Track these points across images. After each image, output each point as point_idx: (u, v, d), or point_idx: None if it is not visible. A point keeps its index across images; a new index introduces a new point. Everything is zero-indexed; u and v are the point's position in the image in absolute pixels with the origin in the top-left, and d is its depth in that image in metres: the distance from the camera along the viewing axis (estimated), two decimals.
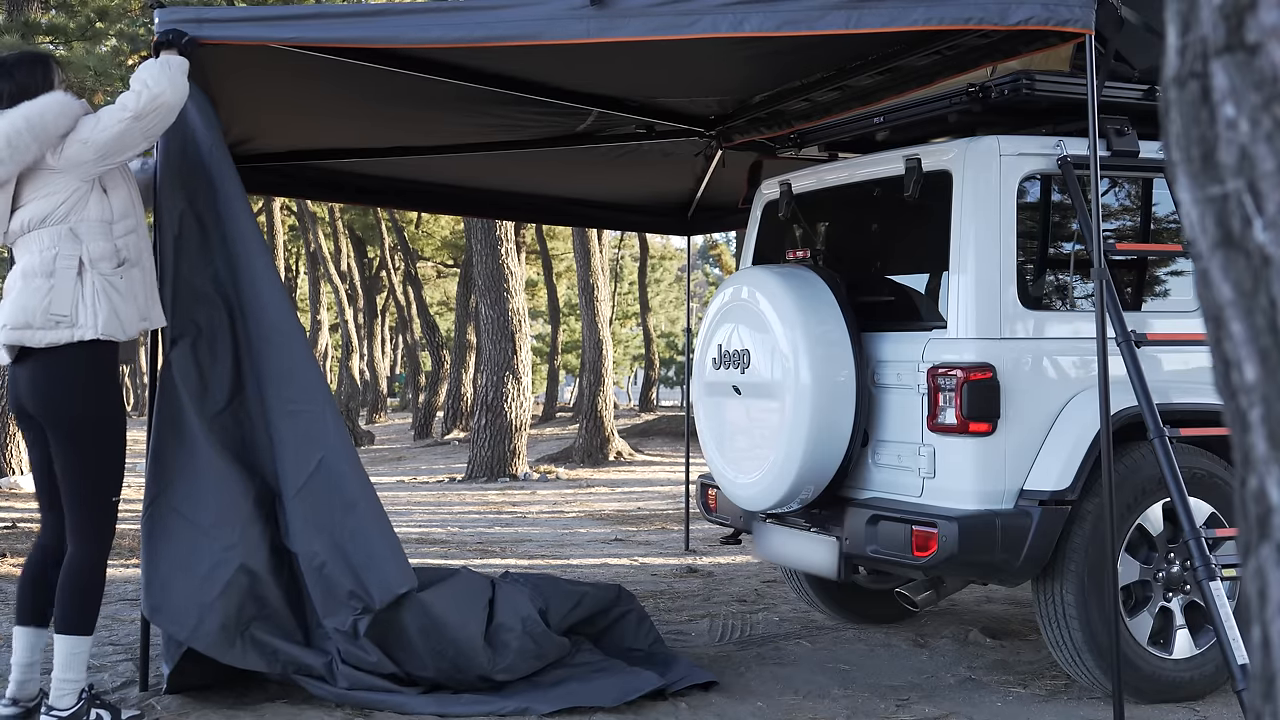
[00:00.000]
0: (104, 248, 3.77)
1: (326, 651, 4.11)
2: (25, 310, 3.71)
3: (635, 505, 11.28)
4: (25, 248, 3.78)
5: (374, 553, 4.16)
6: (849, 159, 5.31)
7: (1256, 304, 0.87)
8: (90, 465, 3.79)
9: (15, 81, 3.83)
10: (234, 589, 3.99)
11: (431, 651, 4.20)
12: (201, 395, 4.15)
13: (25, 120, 3.71)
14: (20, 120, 3.71)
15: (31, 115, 3.72)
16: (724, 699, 4.33)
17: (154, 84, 3.82)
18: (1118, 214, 4.86)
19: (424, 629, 4.20)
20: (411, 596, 4.19)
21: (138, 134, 3.81)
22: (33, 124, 3.71)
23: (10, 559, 7.20)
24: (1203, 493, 4.29)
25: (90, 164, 3.77)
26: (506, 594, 4.45)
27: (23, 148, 3.70)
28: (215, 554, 4.00)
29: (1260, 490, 0.88)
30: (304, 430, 4.19)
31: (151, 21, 4.53)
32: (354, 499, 4.20)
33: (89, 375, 3.77)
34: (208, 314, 4.23)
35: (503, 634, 4.31)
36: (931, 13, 3.92)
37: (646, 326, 29.82)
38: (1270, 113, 0.86)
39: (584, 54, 4.63)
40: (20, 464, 11.63)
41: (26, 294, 3.71)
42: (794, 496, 4.56)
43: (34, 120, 3.71)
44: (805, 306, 4.50)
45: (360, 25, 4.34)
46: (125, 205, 3.88)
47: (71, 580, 3.81)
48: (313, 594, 4.12)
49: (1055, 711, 4.25)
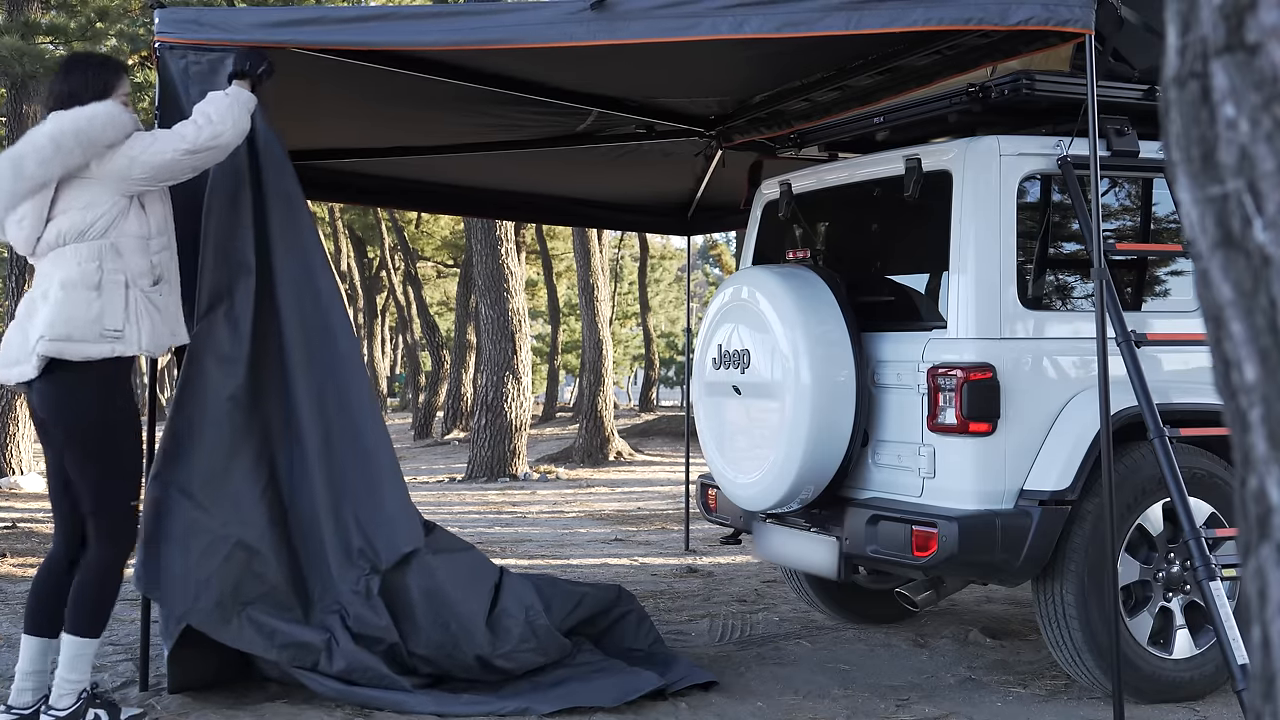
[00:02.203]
0: (142, 264, 3.79)
1: (326, 629, 4.12)
2: (70, 322, 3.67)
3: (635, 505, 11.28)
4: (60, 260, 3.73)
5: (385, 508, 4.25)
6: (849, 159, 5.31)
7: (1256, 304, 0.88)
8: (112, 471, 3.79)
9: (68, 85, 3.83)
10: (231, 565, 4.00)
11: (433, 620, 4.22)
12: (220, 365, 4.12)
13: (74, 125, 3.70)
14: (69, 124, 3.70)
15: (80, 121, 3.71)
16: (724, 699, 4.33)
17: (217, 120, 3.84)
18: (1118, 214, 4.86)
19: (428, 592, 4.25)
20: (419, 557, 4.24)
21: (187, 166, 3.83)
22: (80, 130, 3.69)
23: (10, 559, 7.20)
24: (1203, 493, 4.29)
25: (133, 181, 3.77)
26: (513, 582, 4.47)
27: (67, 151, 3.68)
28: (213, 530, 4.00)
29: (1260, 490, 0.88)
30: (332, 378, 4.24)
31: (151, 21, 4.54)
32: (371, 449, 4.28)
33: (114, 385, 3.78)
34: (232, 282, 4.19)
35: (505, 619, 4.33)
36: (931, 13, 3.92)
37: (646, 326, 29.83)
38: (1270, 113, 0.86)
39: (584, 55, 4.63)
40: (20, 464, 11.63)
41: (71, 306, 3.67)
42: (794, 496, 4.56)
43: (82, 126, 3.70)
44: (805, 306, 4.50)
45: (360, 30, 4.35)
46: (161, 222, 3.90)
47: (87, 581, 3.81)
48: (329, 546, 4.16)
49: (1055, 711, 4.25)
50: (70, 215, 3.74)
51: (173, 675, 4.16)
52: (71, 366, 3.69)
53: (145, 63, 13.80)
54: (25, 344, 3.71)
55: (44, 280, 3.77)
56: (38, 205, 3.74)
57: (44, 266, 3.79)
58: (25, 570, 6.89)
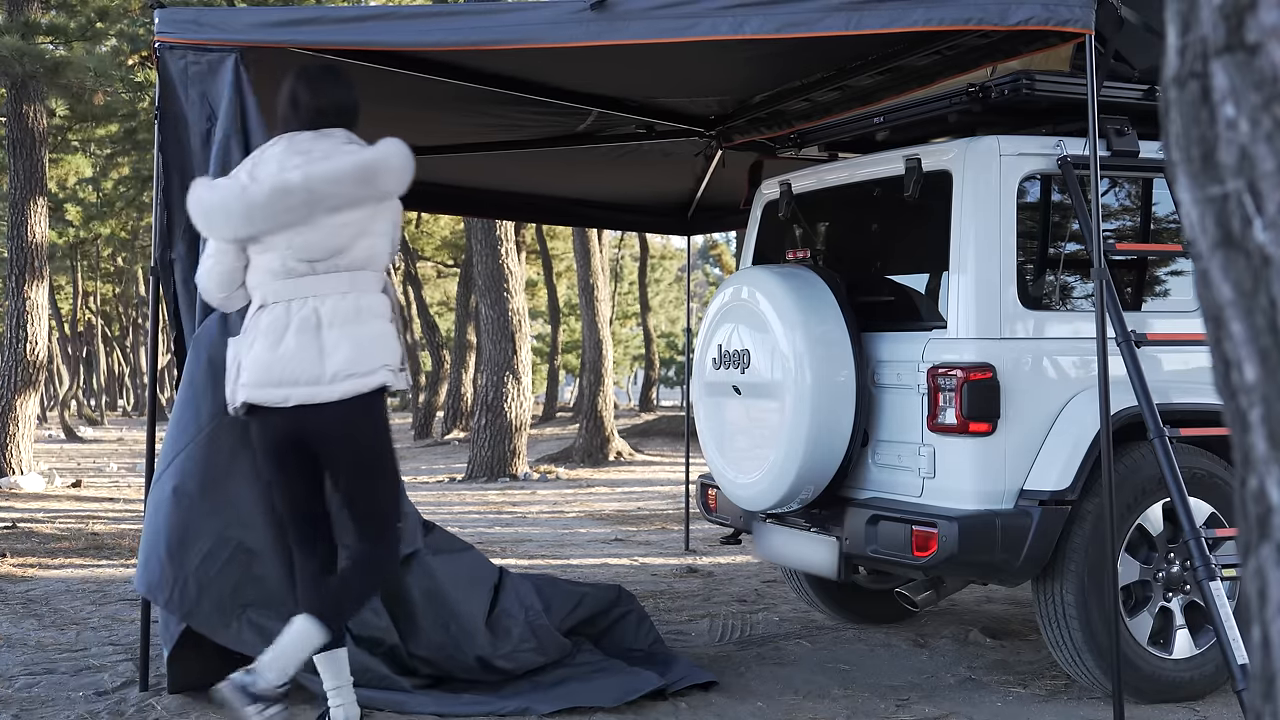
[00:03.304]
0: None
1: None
2: (390, 352, 3.65)
3: (635, 505, 11.28)
4: (359, 283, 3.64)
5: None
6: (849, 159, 5.31)
7: (1256, 304, 0.88)
8: (389, 490, 3.76)
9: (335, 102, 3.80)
10: (232, 567, 3.97)
11: (433, 621, 4.21)
12: (220, 366, 4.10)
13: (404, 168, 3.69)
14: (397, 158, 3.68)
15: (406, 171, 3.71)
16: (724, 699, 4.33)
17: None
18: (1118, 214, 4.86)
19: (427, 593, 4.24)
20: (418, 558, 4.23)
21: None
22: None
23: (10, 559, 7.20)
24: (1203, 493, 4.29)
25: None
26: (512, 582, 4.47)
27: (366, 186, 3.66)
28: (215, 532, 3.97)
29: (1260, 490, 0.88)
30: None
31: (151, 21, 4.54)
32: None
33: (385, 410, 3.76)
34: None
35: (505, 620, 4.33)
36: (932, 13, 3.92)
37: (646, 326, 29.84)
38: (1270, 113, 0.86)
39: (584, 54, 4.63)
40: (20, 464, 11.58)
41: (384, 338, 3.64)
42: (794, 496, 4.56)
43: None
44: (805, 306, 4.50)
45: (360, 30, 4.35)
46: None
47: (353, 571, 3.73)
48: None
49: (1055, 711, 4.25)
50: (378, 239, 3.71)
51: (173, 675, 4.16)
52: (377, 390, 3.65)
53: (145, 63, 13.79)
54: (326, 368, 3.58)
55: (347, 303, 3.64)
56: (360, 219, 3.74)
57: (338, 287, 3.64)
58: (25, 570, 6.90)
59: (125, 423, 32.20)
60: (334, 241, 3.59)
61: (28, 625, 5.41)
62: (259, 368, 3.59)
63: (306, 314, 3.57)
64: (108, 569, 7.04)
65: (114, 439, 23.02)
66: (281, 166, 3.61)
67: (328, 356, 3.55)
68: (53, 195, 20.92)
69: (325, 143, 3.67)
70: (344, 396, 3.55)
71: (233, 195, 3.61)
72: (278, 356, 3.56)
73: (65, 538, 8.31)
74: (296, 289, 3.59)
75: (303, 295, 3.59)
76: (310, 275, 3.59)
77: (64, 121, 17.69)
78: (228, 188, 3.65)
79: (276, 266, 3.61)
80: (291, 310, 3.58)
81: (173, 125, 4.27)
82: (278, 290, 3.61)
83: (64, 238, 26.61)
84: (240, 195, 3.59)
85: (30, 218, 11.61)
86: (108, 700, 4.16)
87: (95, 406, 35.29)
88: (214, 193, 3.67)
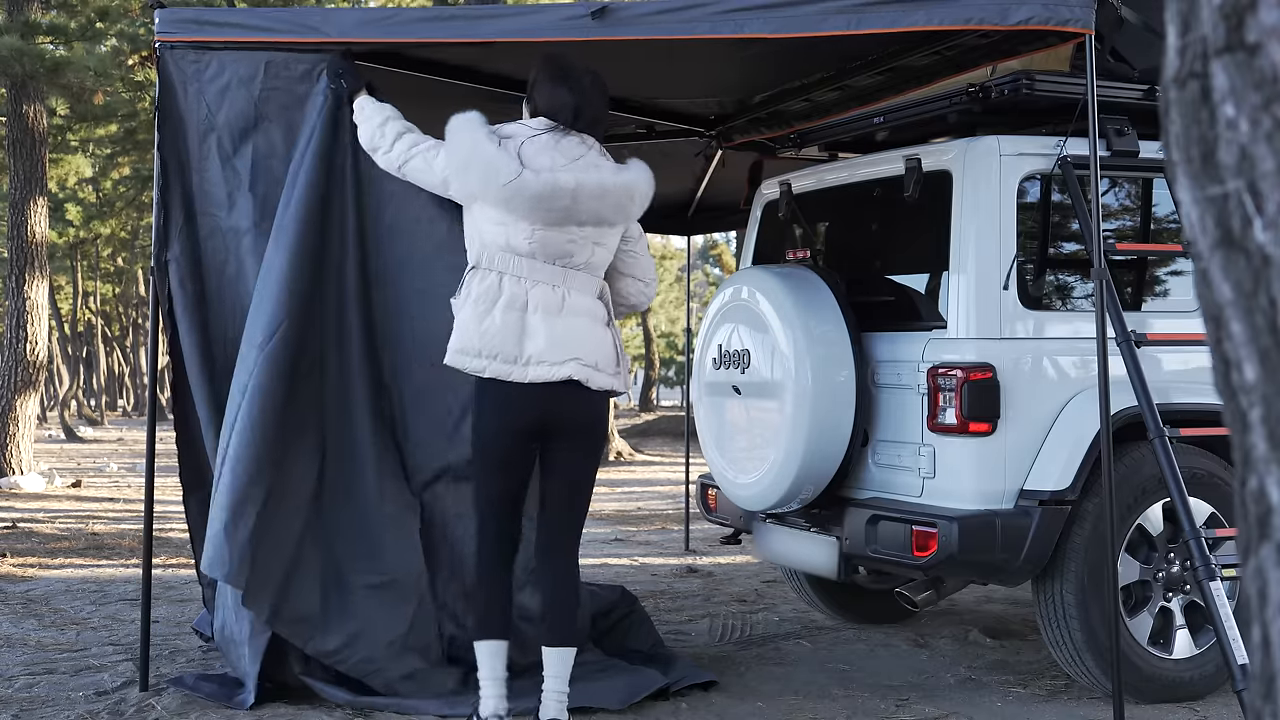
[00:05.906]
0: None
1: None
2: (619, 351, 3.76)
3: (635, 505, 11.28)
4: (589, 288, 3.72)
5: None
6: (849, 159, 5.31)
7: (1256, 304, 0.88)
8: (592, 488, 3.88)
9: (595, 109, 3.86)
10: (301, 564, 4.02)
11: None
12: (292, 375, 4.03)
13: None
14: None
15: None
16: (724, 699, 4.33)
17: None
18: (1118, 214, 4.86)
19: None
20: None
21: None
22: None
23: (10, 559, 7.20)
24: (1203, 493, 4.29)
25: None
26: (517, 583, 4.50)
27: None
28: (291, 530, 3.99)
29: (1260, 490, 0.88)
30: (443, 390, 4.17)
31: (151, 21, 4.54)
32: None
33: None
34: (307, 303, 4.11)
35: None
36: (932, 14, 3.92)
37: (646, 326, 29.83)
38: (1270, 113, 0.86)
39: (584, 55, 4.63)
40: (20, 464, 11.58)
41: (609, 338, 3.74)
42: (794, 496, 4.56)
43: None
44: (805, 306, 4.50)
45: (359, 33, 4.34)
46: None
47: (573, 590, 3.82)
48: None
49: (1055, 711, 4.25)
50: (610, 250, 3.82)
51: (260, 688, 4.05)
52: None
53: (145, 63, 13.79)
54: (614, 356, 3.70)
55: (595, 302, 3.75)
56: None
57: (571, 285, 3.71)
58: (25, 570, 6.90)
59: (125, 423, 32.19)
60: (570, 249, 3.67)
61: (28, 625, 5.41)
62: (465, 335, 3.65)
63: (518, 292, 3.63)
64: (108, 569, 7.04)
65: (114, 439, 23.02)
66: (554, 163, 3.65)
67: (529, 339, 3.62)
68: (53, 195, 20.93)
69: (590, 153, 3.74)
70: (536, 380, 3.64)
71: (506, 168, 3.59)
72: (483, 329, 3.62)
73: (65, 538, 8.31)
74: (518, 267, 3.65)
75: (518, 275, 3.65)
76: (535, 261, 3.66)
77: (64, 121, 17.69)
78: (503, 159, 3.61)
79: (502, 241, 3.64)
80: (504, 285, 3.63)
81: (172, 125, 4.27)
82: (499, 261, 3.66)
83: (64, 238, 26.59)
84: (516, 175, 3.58)
85: (30, 218, 11.61)
86: (108, 700, 4.16)
87: (95, 406, 35.26)
88: (490, 148, 3.63)
